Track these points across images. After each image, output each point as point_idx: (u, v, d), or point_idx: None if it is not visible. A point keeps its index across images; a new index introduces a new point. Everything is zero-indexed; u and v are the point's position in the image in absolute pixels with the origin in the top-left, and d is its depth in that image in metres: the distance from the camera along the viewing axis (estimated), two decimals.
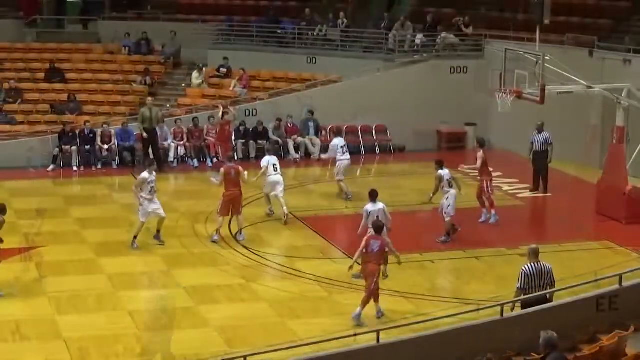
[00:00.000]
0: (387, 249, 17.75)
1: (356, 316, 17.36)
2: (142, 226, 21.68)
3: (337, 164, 25.27)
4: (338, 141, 25.42)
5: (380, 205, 19.58)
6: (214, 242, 21.97)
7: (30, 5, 37.20)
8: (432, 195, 22.57)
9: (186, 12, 38.19)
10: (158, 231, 21.83)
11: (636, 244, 21.84)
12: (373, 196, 19.75)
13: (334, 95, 31.52)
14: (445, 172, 22.28)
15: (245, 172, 22.70)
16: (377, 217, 19.19)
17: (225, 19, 36.70)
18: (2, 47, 35.56)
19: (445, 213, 22.07)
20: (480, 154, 23.90)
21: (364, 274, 17.74)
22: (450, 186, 22.23)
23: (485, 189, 23.79)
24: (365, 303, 17.43)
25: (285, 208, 23.46)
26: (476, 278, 20.12)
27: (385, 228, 18.36)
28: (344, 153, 25.21)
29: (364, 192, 26.21)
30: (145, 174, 21.50)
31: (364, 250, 17.55)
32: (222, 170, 22.74)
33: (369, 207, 19.60)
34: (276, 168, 23.98)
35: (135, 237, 21.59)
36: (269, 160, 24.10)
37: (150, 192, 21.49)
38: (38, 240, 22.24)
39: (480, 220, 23.60)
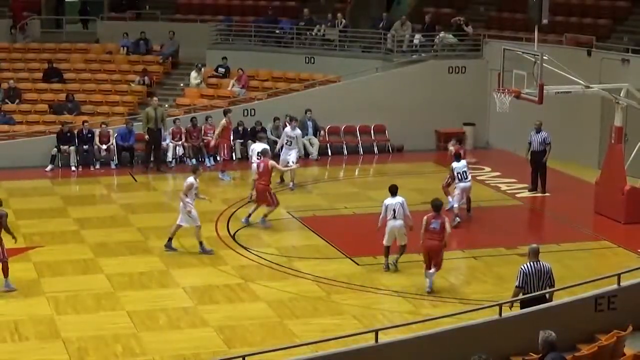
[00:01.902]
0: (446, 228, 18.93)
1: (429, 288, 18.88)
2: (200, 229, 21.51)
3: None
4: None
5: (399, 199, 19.94)
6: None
7: (20, 10, 36.93)
8: (445, 184, 23.44)
9: (184, 12, 38.22)
10: (170, 239, 21.51)
11: (635, 244, 21.87)
12: (392, 191, 20.09)
13: (333, 95, 31.52)
14: (458, 165, 23.10)
15: (281, 166, 24.30)
16: (394, 210, 19.69)
17: (223, 18, 36.71)
18: (0, 47, 35.55)
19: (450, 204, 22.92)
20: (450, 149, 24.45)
21: (427, 252, 18.95)
22: (461, 179, 23.02)
23: (445, 180, 24.23)
24: (437, 266, 18.92)
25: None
26: (475, 278, 20.14)
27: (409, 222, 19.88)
28: None
29: (363, 192, 26.45)
30: (192, 179, 21.33)
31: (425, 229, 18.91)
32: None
33: (387, 200, 19.96)
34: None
35: (201, 243, 21.36)
36: (252, 149, 24.87)
37: (194, 197, 21.41)
38: (37, 240, 22.24)
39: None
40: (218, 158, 29.04)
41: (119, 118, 31.35)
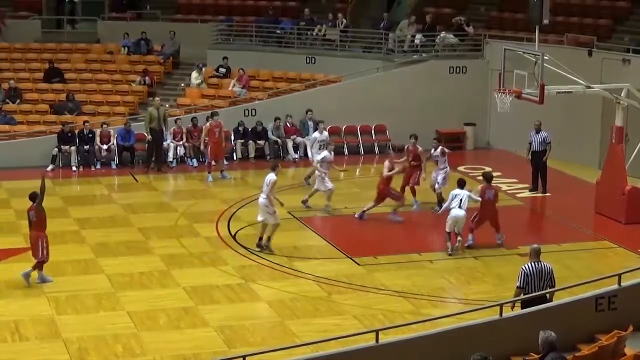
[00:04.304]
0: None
1: (500, 239, 21.61)
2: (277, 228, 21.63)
3: None
4: None
5: (465, 191, 21.22)
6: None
7: None
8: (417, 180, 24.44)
9: (185, 12, 38.25)
10: (269, 238, 21.47)
11: (635, 244, 21.86)
12: (461, 184, 21.44)
13: (334, 96, 31.50)
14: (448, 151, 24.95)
15: (388, 166, 23.72)
16: (461, 200, 20.97)
17: (224, 18, 36.74)
18: (1, 47, 35.56)
19: (437, 186, 24.20)
20: (411, 148, 24.93)
21: (483, 218, 21.48)
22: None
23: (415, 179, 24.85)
24: (498, 229, 21.69)
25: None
26: (475, 278, 20.13)
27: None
28: None
29: (363, 192, 26.41)
30: (274, 177, 21.30)
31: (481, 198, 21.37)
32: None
33: (455, 191, 21.32)
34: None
35: (269, 239, 21.36)
36: (318, 156, 25.45)
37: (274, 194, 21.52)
38: None
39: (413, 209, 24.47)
40: (212, 159, 28.85)
41: (120, 118, 31.34)
